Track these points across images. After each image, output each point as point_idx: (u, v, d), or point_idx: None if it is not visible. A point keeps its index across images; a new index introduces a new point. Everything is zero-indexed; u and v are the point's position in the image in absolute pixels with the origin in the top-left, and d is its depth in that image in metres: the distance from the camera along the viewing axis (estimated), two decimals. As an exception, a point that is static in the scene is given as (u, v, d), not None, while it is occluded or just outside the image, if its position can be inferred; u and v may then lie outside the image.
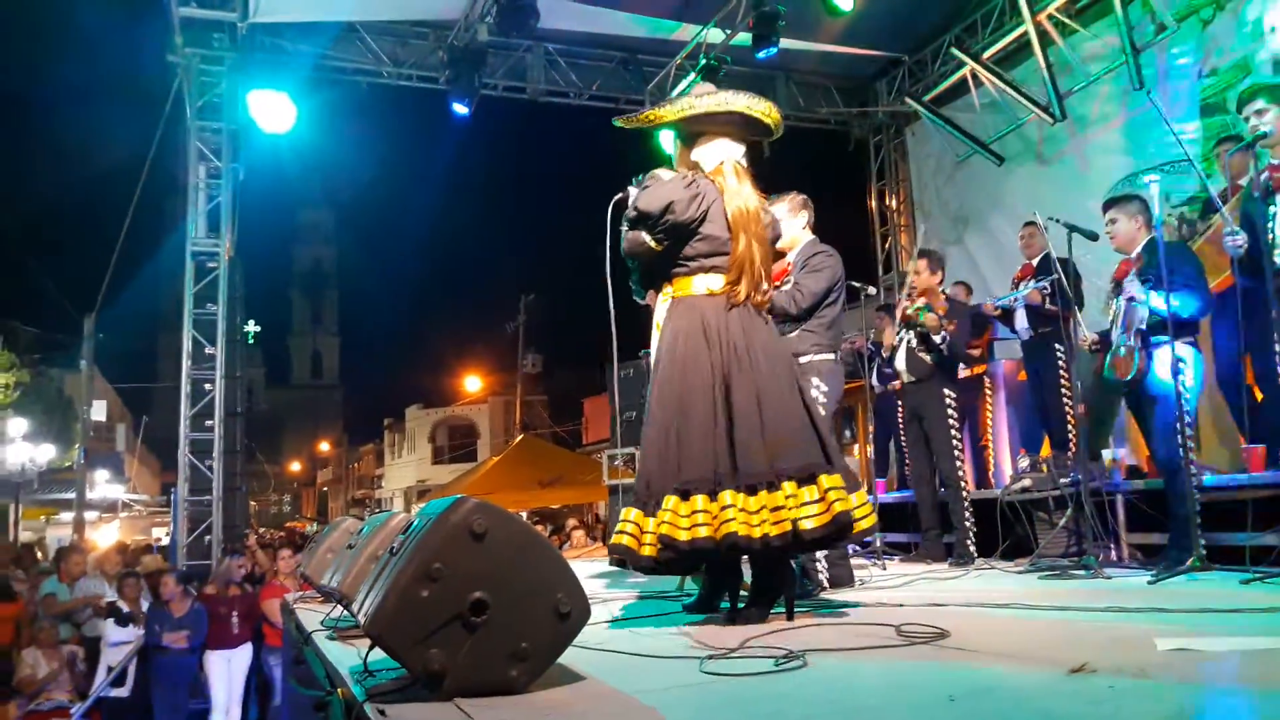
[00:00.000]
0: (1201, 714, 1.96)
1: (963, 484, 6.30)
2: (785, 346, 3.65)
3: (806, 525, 3.21)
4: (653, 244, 3.56)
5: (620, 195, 3.71)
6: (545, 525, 18.22)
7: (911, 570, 5.84)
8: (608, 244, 3.66)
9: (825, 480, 3.29)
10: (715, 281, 3.58)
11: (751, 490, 3.25)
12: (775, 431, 3.35)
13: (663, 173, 3.70)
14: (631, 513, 3.43)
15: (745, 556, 3.43)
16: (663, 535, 3.26)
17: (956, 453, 6.33)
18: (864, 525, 3.44)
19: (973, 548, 6.22)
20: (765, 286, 3.66)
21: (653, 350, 3.72)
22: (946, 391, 6.37)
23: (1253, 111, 5.15)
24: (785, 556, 3.41)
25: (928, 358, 6.40)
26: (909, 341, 6.50)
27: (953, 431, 6.33)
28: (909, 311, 6.42)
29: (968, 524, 6.26)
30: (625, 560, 3.39)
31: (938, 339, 6.28)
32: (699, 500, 3.25)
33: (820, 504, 3.25)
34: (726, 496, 3.23)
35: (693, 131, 3.77)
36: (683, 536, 3.23)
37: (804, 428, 3.42)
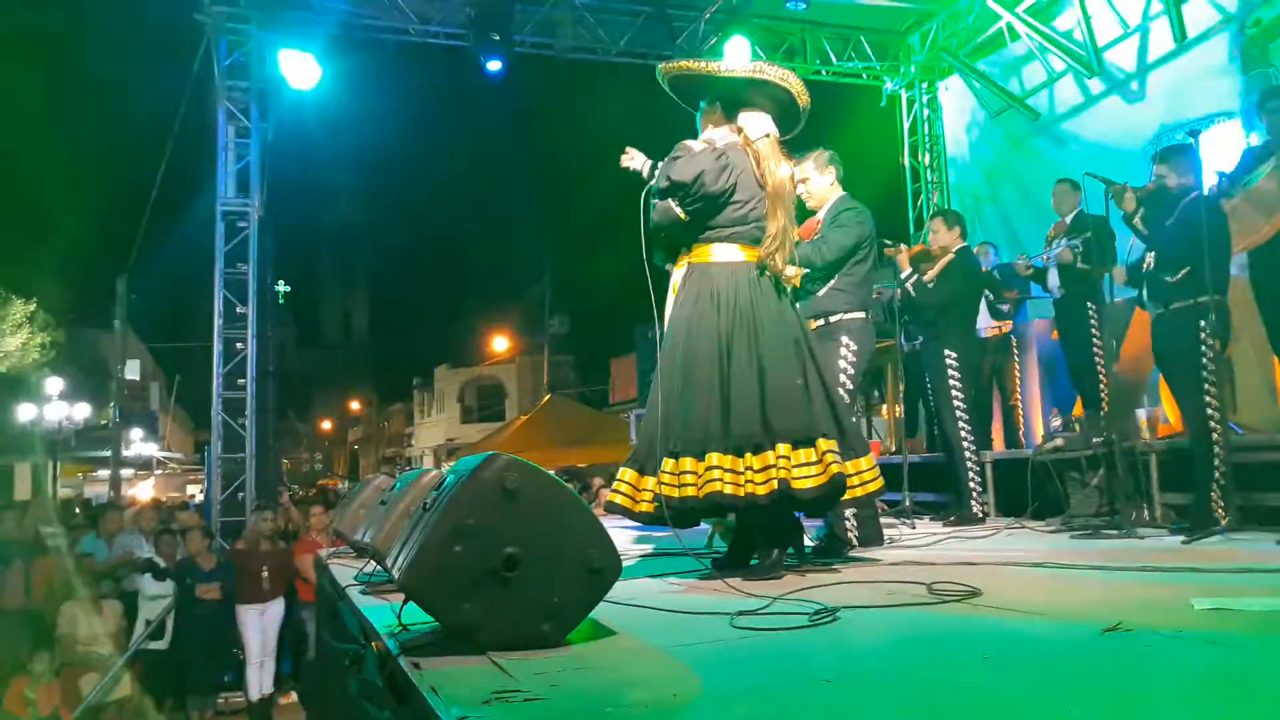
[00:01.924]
0: (1238, 673, 1.94)
1: (966, 444, 6.25)
2: (795, 317, 3.73)
3: (804, 485, 3.35)
4: (681, 214, 3.63)
5: (650, 185, 3.74)
6: (573, 484, 18.34)
7: (940, 529, 5.82)
8: (642, 224, 3.76)
9: (823, 444, 3.42)
10: (734, 251, 3.66)
11: (738, 451, 3.39)
12: (775, 396, 3.45)
13: (692, 144, 3.76)
14: (627, 473, 3.62)
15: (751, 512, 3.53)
16: (659, 495, 3.44)
17: (960, 413, 6.27)
18: (870, 489, 3.67)
19: (978, 508, 6.19)
20: (796, 263, 3.78)
21: (666, 315, 3.78)
22: (947, 352, 6.32)
23: None
24: (783, 512, 3.52)
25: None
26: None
27: (954, 392, 6.28)
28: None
29: (972, 485, 6.22)
30: (623, 515, 3.60)
31: (903, 274, 6.37)
32: (687, 461, 3.41)
33: (818, 465, 3.39)
34: (713, 458, 3.37)
35: (742, 99, 3.80)
36: (675, 494, 3.41)
37: (805, 394, 3.53)
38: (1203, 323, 4.80)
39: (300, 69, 10.31)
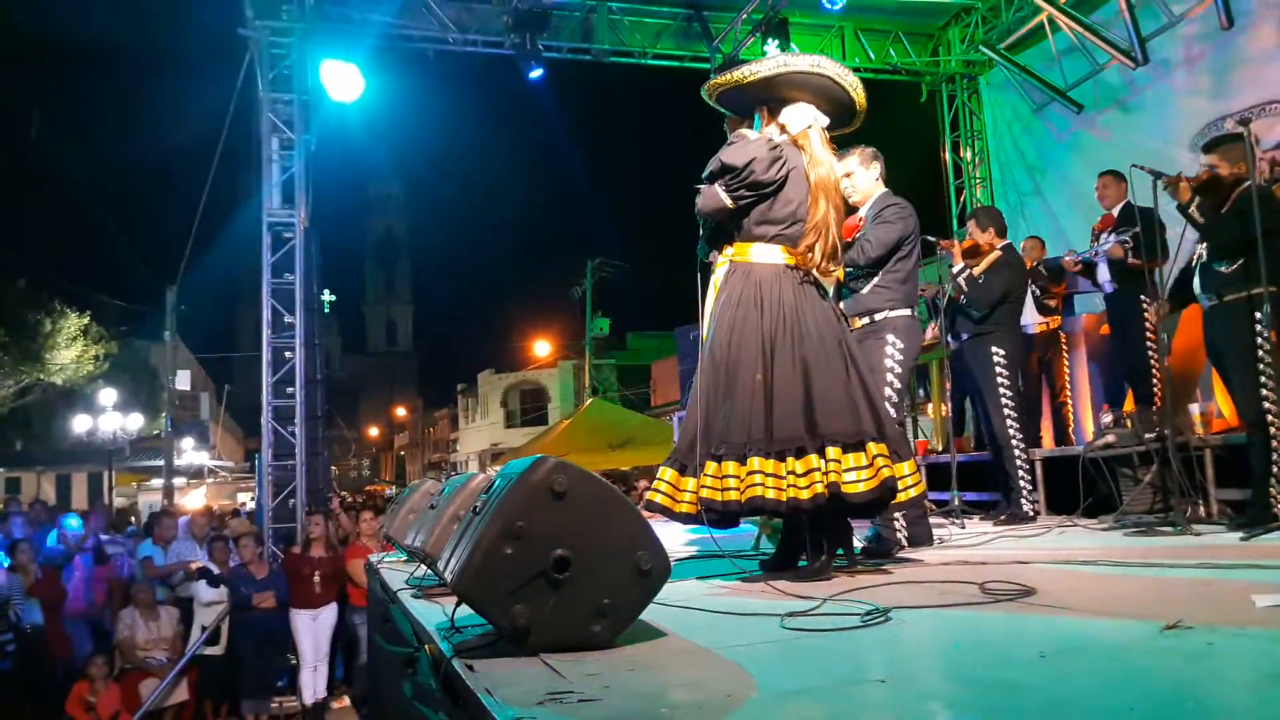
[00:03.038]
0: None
1: (1015, 442, 6.18)
2: (836, 320, 3.70)
3: (855, 489, 3.33)
4: (729, 201, 3.60)
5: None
6: (617, 487, 18.38)
7: (990, 529, 5.76)
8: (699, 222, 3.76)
9: (874, 448, 3.39)
10: (776, 253, 3.63)
11: (780, 456, 3.36)
12: (822, 399, 3.43)
13: (748, 132, 3.76)
14: (667, 473, 3.59)
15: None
16: (703, 498, 3.41)
17: (1009, 411, 6.20)
18: (913, 493, 3.59)
19: (1029, 507, 6.11)
20: (838, 258, 3.73)
21: (706, 311, 3.75)
22: (994, 349, 6.25)
23: None
24: (832, 513, 3.48)
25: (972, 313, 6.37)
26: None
27: (1002, 390, 6.20)
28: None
29: (1022, 483, 6.15)
30: (662, 514, 3.58)
31: (951, 285, 6.32)
32: (730, 466, 3.39)
33: (869, 469, 3.36)
34: (755, 462, 3.35)
35: (781, 96, 3.77)
36: (718, 498, 3.38)
37: (852, 396, 3.49)
38: (1258, 314, 4.71)
39: (344, 80, 10.45)
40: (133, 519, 15.82)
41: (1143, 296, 6.59)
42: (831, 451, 3.35)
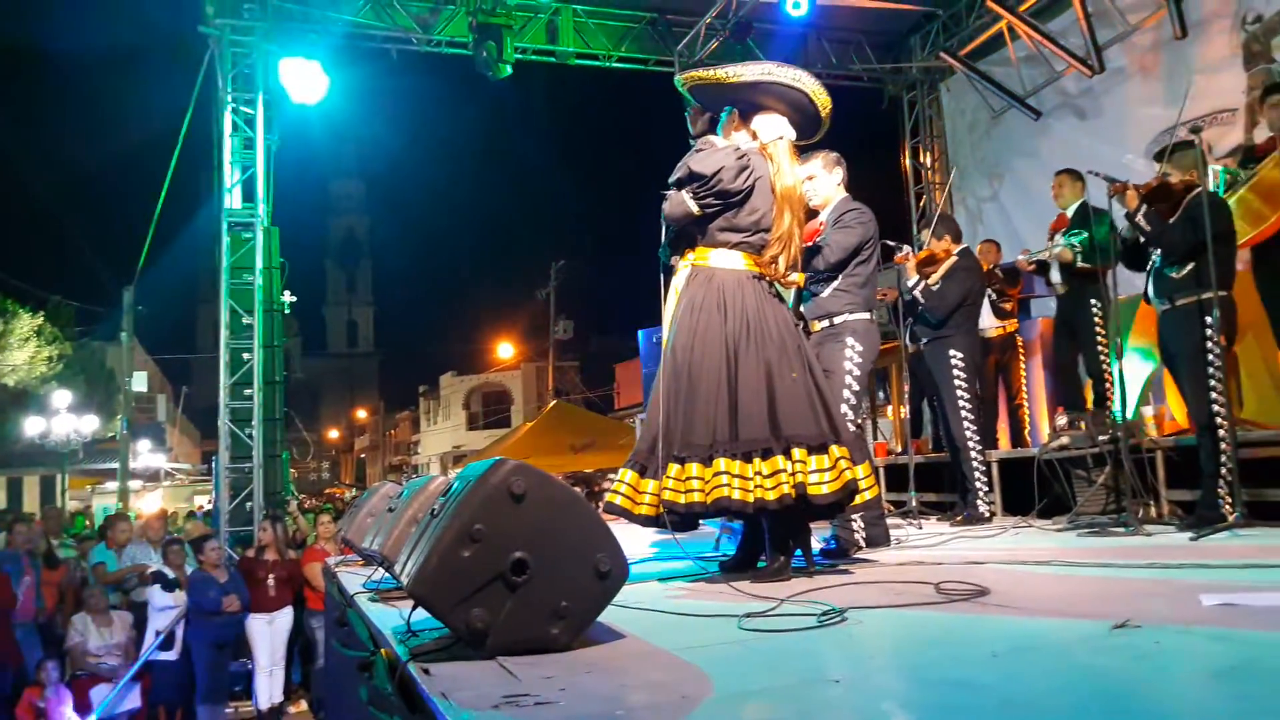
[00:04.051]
0: (1248, 669, 1.94)
1: (972, 444, 6.26)
2: (794, 326, 3.76)
3: (819, 490, 3.37)
4: (695, 208, 3.64)
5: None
6: (580, 489, 18.36)
7: (947, 529, 5.82)
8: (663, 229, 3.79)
9: (835, 450, 3.44)
10: (739, 259, 3.68)
11: (747, 457, 3.39)
12: (786, 402, 3.47)
13: (715, 139, 3.80)
14: (628, 475, 3.60)
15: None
16: (664, 500, 3.43)
17: (966, 414, 6.27)
18: (868, 496, 3.65)
19: (985, 508, 6.20)
20: (799, 266, 3.82)
21: (666, 315, 3.78)
22: (953, 353, 6.34)
23: None
24: (791, 515, 3.50)
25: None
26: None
27: (960, 392, 6.29)
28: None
29: (979, 484, 6.23)
30: (622, 516, 3.58)
31: (910, 282, 6.40)
32: (693, 468, 3.41)
33: (832, 471, 3.41)
34: (721, 464, 3.38)
35: (756, 102, 3.83)
36: (681, 500, 3.40)
37: (813, 400, 3.54)
38: (1208, 319, 4.81)
39: (306, 81, 10.35)
40: (87, 523, 15.55)
41: (1093, 300, 6.68)
42: (797, 453, 3.39)
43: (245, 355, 10.52)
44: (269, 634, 8.75)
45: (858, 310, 4.67)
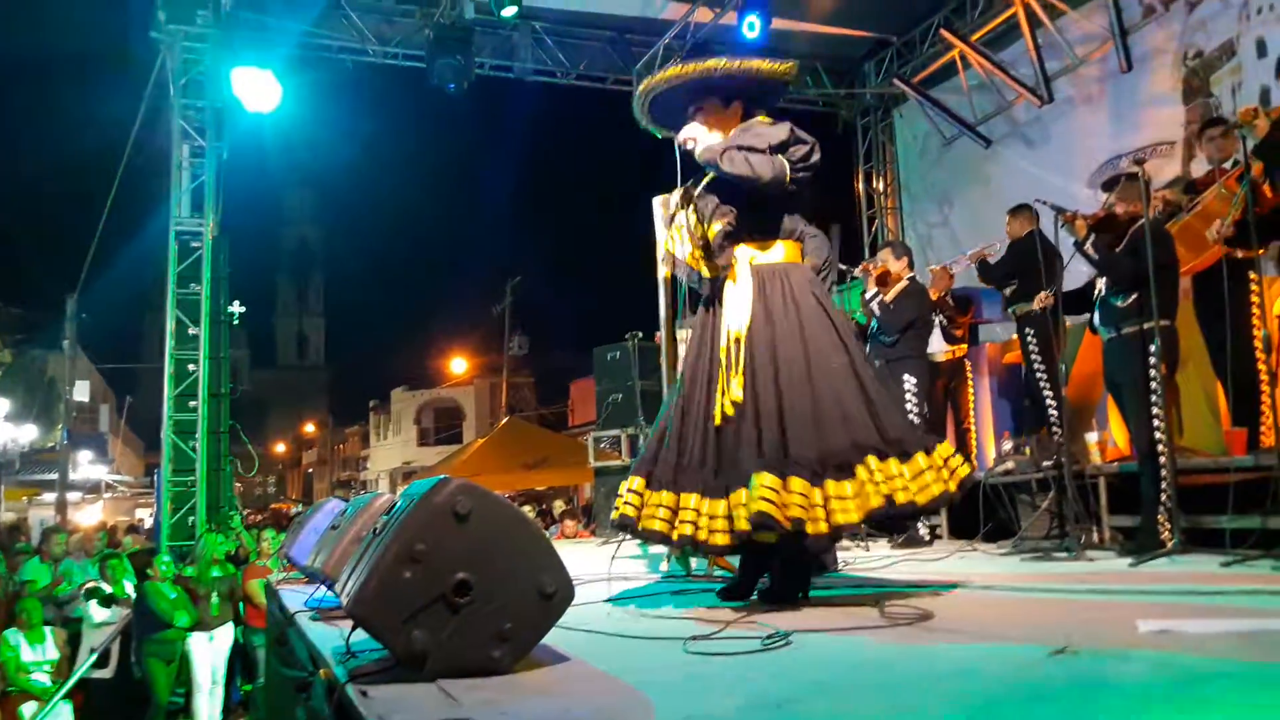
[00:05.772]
0: (1183, 692, 1.97)
1: None
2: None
3: (840, 519, 3.06)
4: (788, 178, 3.30)
5: (663, 195, 3.59)
6: (532, 507, 18.25)
7: (893, 552, 5.86)
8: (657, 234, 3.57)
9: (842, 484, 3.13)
10: (795, 250, 3.44)
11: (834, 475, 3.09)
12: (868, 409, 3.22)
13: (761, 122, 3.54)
14: (635, 481, 3.32)
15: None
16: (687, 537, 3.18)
17: None
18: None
19: (924, 530, 6.29)
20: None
21: (737, 310, 3.33)
22: (906, 376, 6.50)
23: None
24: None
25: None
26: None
27: (910, 416, 6.37)
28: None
29: None
30: (627, 529, 3.34)
31: (869, 294, 6.77)
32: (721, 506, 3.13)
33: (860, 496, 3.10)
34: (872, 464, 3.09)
35: (755, 98, 3.72)
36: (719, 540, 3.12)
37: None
38: (1151, 347, 4.91)
39: (259, 90, 10.22)
40: (22, 536, 15.14)
41: (1028, 329, 6.79)
42: (891, 465, 3.12)
43: (191, 366, 10.34)
44: (209, 651, 8.57)
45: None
